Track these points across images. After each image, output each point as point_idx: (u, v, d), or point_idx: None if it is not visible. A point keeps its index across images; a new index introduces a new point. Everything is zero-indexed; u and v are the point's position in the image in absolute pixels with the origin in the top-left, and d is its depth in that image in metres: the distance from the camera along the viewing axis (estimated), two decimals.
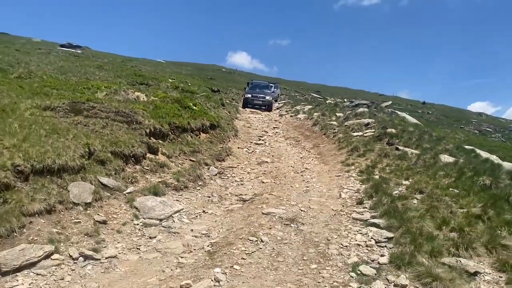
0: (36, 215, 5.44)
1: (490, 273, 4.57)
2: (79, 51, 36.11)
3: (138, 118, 9.67)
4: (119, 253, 5.32)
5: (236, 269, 4.73)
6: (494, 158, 11.71)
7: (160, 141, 9.90)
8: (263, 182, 9.51)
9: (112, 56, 41.34)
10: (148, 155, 8.86)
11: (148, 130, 9.54)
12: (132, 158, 8.24)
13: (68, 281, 4.49)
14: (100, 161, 7.45)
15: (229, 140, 14.01)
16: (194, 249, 5.58)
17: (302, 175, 9.98)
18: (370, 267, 4.72)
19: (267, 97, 26.28)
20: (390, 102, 36.16)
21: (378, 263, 4.85)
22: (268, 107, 26.07)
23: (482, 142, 34.17)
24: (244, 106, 25.55)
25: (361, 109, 18.89)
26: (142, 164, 8.43)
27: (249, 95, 25.99)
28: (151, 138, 9.54)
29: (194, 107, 13.90)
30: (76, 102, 9.58)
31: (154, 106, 11.83)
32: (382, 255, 5.05)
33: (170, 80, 21.03)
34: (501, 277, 4.47)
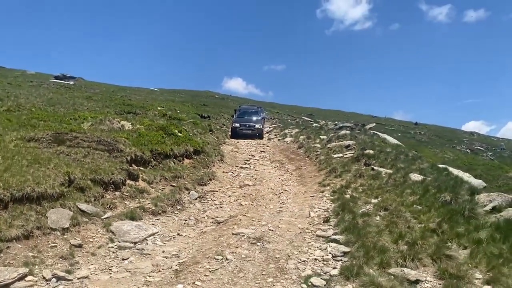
0: (14, 240, 5.79)
1: (431, 281, 4.94)
2: (71, 83, 36.85)
3: (120, 146, 10.11)
4: (91, 274, 5.66)
5: (197, 285, 5.09)
6: (466, 175, 12.17)
7: (141, 168, 10.31)
8: (241, 205, 9.86)
9: (105, 86, 42.13)
10: (128, 181, 9.25)
11: (129, 158, 9.95)
12: (112, 185, 8.63)
13: None
14: (80, 188, 7.84)
15: (214, 165, 14.41)
16: (163, 269, 5.92)
17: (279, 197, 10.36)
18: (321, 278, 5.08)
19: (257, 125, 24.30)
20: (374, 124, 36.82)
21: (330, 275, 5.22)
22: (259, 136, 24.07)
23: (471, 161, 34.77)
24: (232, 136, 23.60)
25: (343, 132, 19.42)
26: (121, 190, 8.81)
27: (237, 124, 24.01)
28: (132, 165, 9.95)
29: (179, 134, 14.36)
30: (60, 133, 10.04)
31: (138, 134, 12.29)
32: (334, 268, 5.42)
33: (158, 108, 21.61)
34: (440, 284, 4.84)
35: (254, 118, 25.31)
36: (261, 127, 24.85)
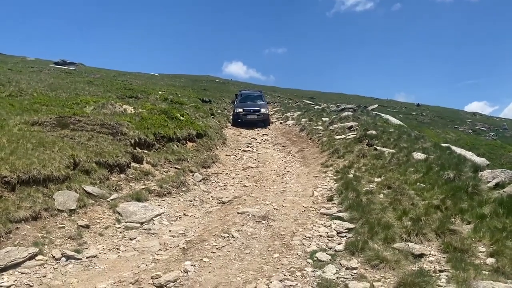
0: (22, 222, 5.88)
1: (435, 255, 5.01)
2: (72, 68, 36.73)
3: (123, 130, 10.14)
4: (100, 253, 5.75)
5: (205, 261, 5.16)
6: (469, 154, 12.17)
7: (145, 151, 10.36)
8: (245, 186, 9.93)
9: (106, 72, 41.99)
10: (133, 164, 9.31)
11: (133, 141, 9.99)
12: (117, 167, 8.70)
13: (50, 278, 4.92)
14: (85, 171, 7.91)
15: (216, 148, 14.48)
16: (170, 247, 6.01)
17: (282, 178, 10.42)
18: (326, 253, 5.16)
19: (263, 110, 22.04)
20: (376, 105, 36.74)
21: (335, 250, 5.30)
22: (265, 123, 21.94)
23: (473, 141, 34.74)
24: (234, 124, 21.74)
25: (345, 113, 19.38)
26: (126, 172, 8.88)
27: (240, 110, 21.74)
28: (136, 148, 9.99)
29: (181, 117, 14.37)
30: (63, 116, 10.07)
31: (141, 117, 12.31)
32: (339, 243, 5.50)
33: (160, 92, 21.57)
34: (444, 257, 4.90)
35: (259, 102, 23.14)
36: (267, 112, 22.65)
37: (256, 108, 21.93)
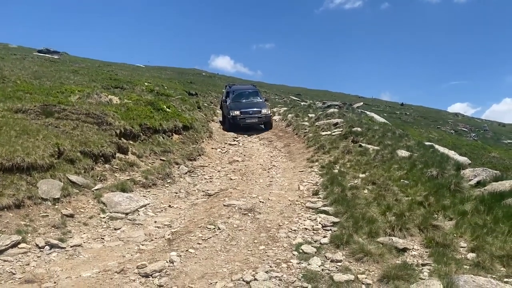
0: (5, 209, 5.79)
1: (418, 249, 5.11)
2: (56, 57, 36.09)
3: (109, 120, 10.03)
4: (84, 242, 5.71)
5: (191, 252, 5.17)
6: (452, 153, 12.40)
7: (131, 142, 10.27)
8: (231, 179, 9.94)
9: (90, 61, 41.36)
10: (118, 154, 9.23)
11: (118, 131, 9.89)
12: (102, 158, 8.61)
13: (33, 266, 4.86)
14: (70, 160, 7.81)
15: (203, 141, 14.42)
16: (155, 238, 6.00)
17: (268, 172, 10.45)
18: (312, 246, 5.22)
19: (264, 110, 18.06)
20: (362, 103, 37.07)
21: (320, 243, 5.35)
22: (266, 125, 18.34)
23: (455, 141, 35.35)
24: (230, 129, 17.77)
25: (331, 110, 19.51)
26: (111, 163, 8.80)
27: (236, 112, 17.64)
28: (122, 138, 9.90)
29: (168, 109, 14.27)
30: (48, 105, 9.90)
31: (126, 108, 12.18)
32: (324, 237, 5.55)
33: (146, 83, 21.32)
34: (426, 252, 5.01)
35: (257, 101, 19.19)
36: (269, 112, 18.66)
37: (256, 109, 18.04)
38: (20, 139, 7.38)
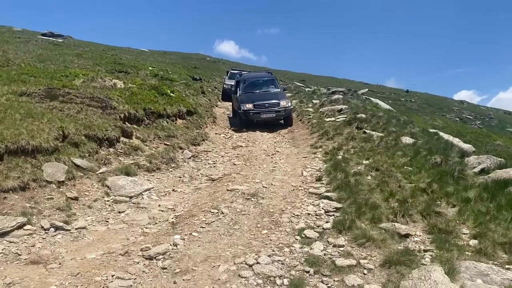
0: (10, 191, 5.84)
1: (420, 235, 5.12)
2: (60, 40, 35.98)
3: (113, 104, 10.03)
4: (89, 225, 5.76)
5: (194, 236, 5.22)
6: (456, 140, 12.35)
7: (135, 126, 10.29)
8: (234, 164, 9.95)
9: (94, 45, 41.22)
10: (122, 138, 9.26)
11: (122, 115, 9.91)
12: (106, 141, 8.64)
13: (39, 247, 4.92)
14: (74, 143, 7.84)
15: (206, 126, 14.45)
16: (159, 221, 6.04)
17: (272, 157, 10.46)
18: (314, 231, 5.24)
19: (283, 102, 15.13)
20: (367, 89, 36.86)
21: (323, 228, 5.37)
22: (286, 121, 15.61)
23: (460, 128, 35.19)
24: (242, 125, 15.15)
25: (336, 96, 19.43)
26: (115, 147, 8.83)
27: (249, 105, 14.81)
28: (126, 122, 9.91)
29: (172, 94, 14.25)
30: (52, 88, 9.91)
31: (131, 92, 12.17)
32: (327, 222, 5.57)
33: (150, 68, 21.29)
34: (429, 238, 5.02)
35: (273, 91, 16.32)
36: (289, 105, 15.58)
37: (274, 101, 15.05)
38: (24, 122, 7.41)
